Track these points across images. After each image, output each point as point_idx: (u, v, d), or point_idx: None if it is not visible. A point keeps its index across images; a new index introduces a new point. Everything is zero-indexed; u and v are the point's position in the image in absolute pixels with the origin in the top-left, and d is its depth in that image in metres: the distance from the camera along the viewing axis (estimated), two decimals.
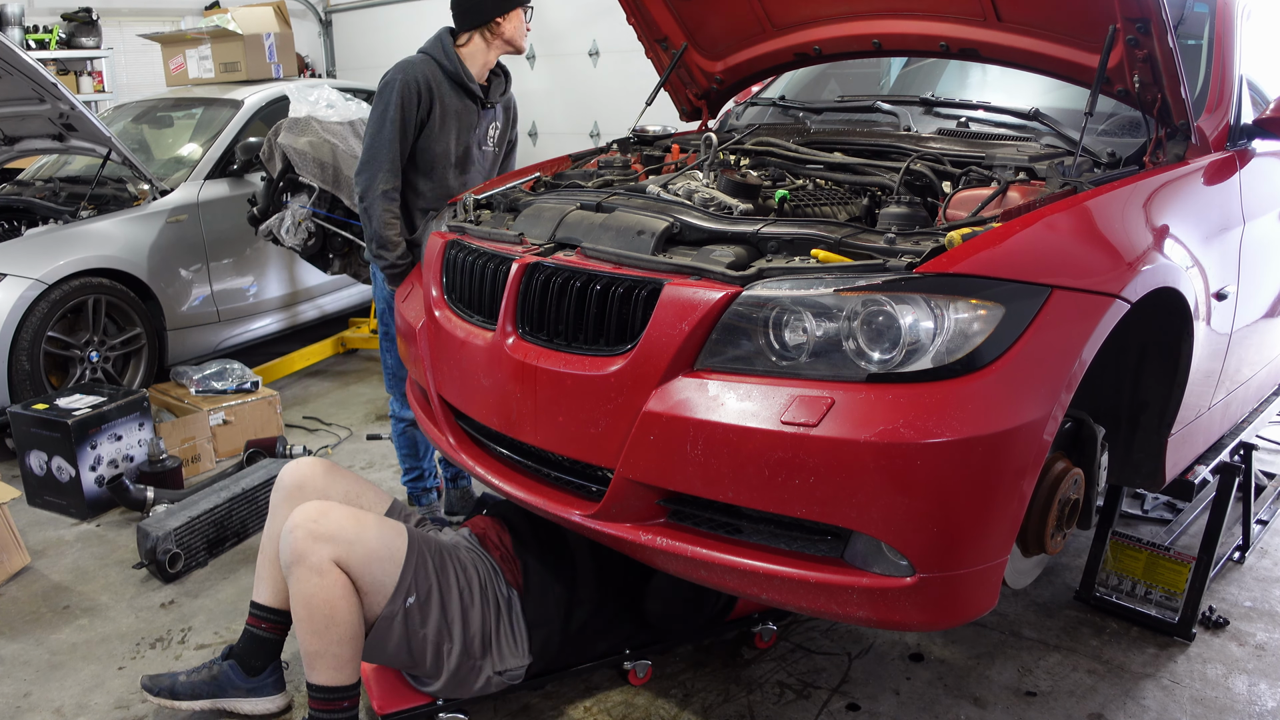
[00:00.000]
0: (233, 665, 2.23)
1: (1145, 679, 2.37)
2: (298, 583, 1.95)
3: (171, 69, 5.50)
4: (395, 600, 2.01)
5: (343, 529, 1.98)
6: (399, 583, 2.02)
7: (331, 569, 1.94)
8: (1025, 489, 1.73)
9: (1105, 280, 1.83)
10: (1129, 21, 2.05)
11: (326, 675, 1.96)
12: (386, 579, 2.01)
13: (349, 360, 5.20)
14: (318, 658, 1.95)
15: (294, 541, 1.95)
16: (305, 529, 1.96)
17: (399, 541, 2.06)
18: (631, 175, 2.63)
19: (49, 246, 3.86)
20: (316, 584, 1.93)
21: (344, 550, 1.96)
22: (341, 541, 1.96)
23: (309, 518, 1.98)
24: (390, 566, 2.02)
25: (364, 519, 2.05)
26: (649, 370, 1.84)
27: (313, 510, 2.00)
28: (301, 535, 1.95)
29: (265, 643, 2.23)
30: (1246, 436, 2.73)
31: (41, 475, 3.37)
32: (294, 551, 1.95)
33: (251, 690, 2.23)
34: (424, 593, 2.05)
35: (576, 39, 6.26)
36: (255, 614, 2.23)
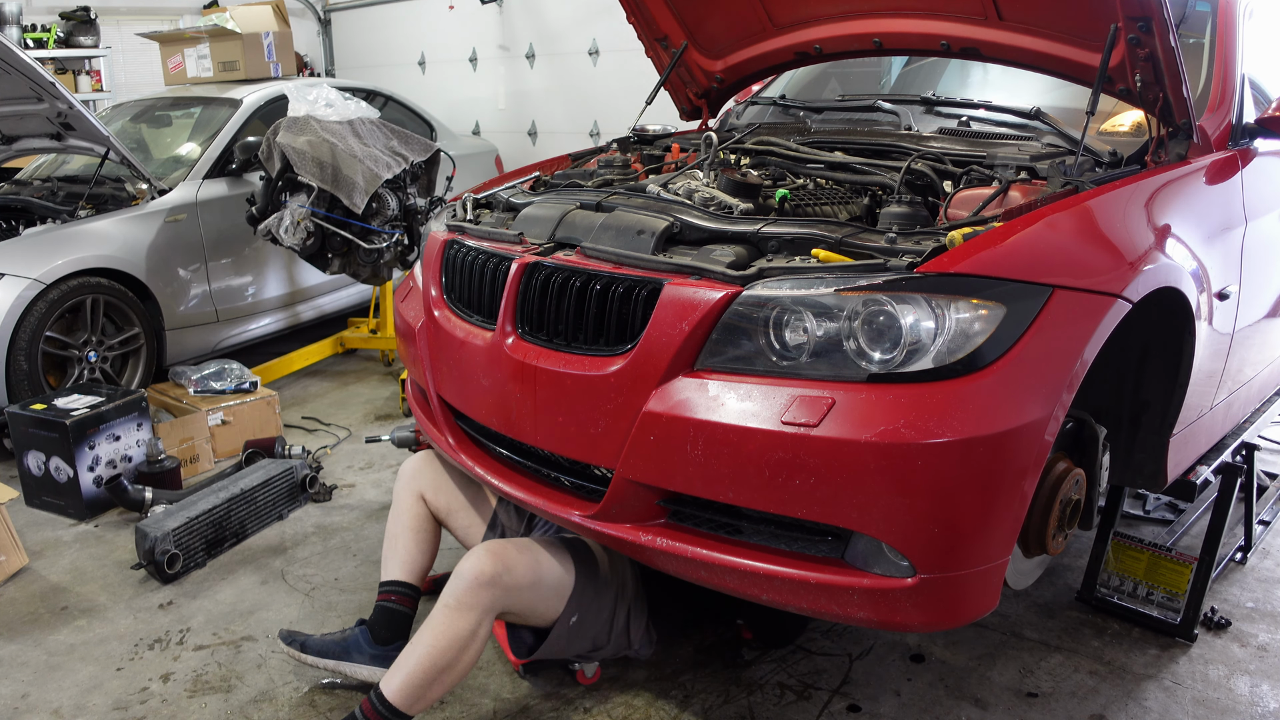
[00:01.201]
0: (364, 631, 2.31)
1: (1147, 680, 2.36)
2: (455, 622, 1.98)
3: (170, 68, 5.49)
4: (561, 622, 2.14)
5: (520, 580, 2.05)
6: (565, 608, 2.14)
7: (489, 628, 2.02)
8: (1027, 489, 1.72)
9: (1107, 280, 1.83)
10: (1131, 20, 2.05)
11: (404, 700, 1.97)
12: (550, 611, 2.13)
13: (348, 360, 5.20)
14: (412, 684, 1.96)
15: (475, 590, 2.00)
16: (491, 585, 2.00)
17: (568, 568, 2.16)
18: (631, 175, 2.63)
19: (47, 246, 3.85)
20: (469, 634, 1.98)
21: (512, 601, 2.04)
22: (516, 593, 2.04)
23: (496, 572, 2.01)
24: (556, 600, 2.13)
25: (539, 563, 2.11)
26: (649, 370, 1.84)
27: (499, 563, 2.03)
28: (485, 591, 2.00)
29: (396, 615, 2.31)
30: (1248, 437, 2.72)
31: (39, 476, 3.37)
32: (472, 597, 1.99)
33: (374, 658, 2.28)
34: (585, 608, 2.17)
35: (576, 38, 6.26)
36: (386, 589, 2.33)
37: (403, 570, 2.35)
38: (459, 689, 2.34)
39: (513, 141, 6.80)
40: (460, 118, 6.98)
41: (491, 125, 7.04)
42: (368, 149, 4.21)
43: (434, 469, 2.48)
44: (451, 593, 2.01)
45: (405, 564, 2.35)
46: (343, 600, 2.76)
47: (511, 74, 6.80)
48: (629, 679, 2.38)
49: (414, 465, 2.50)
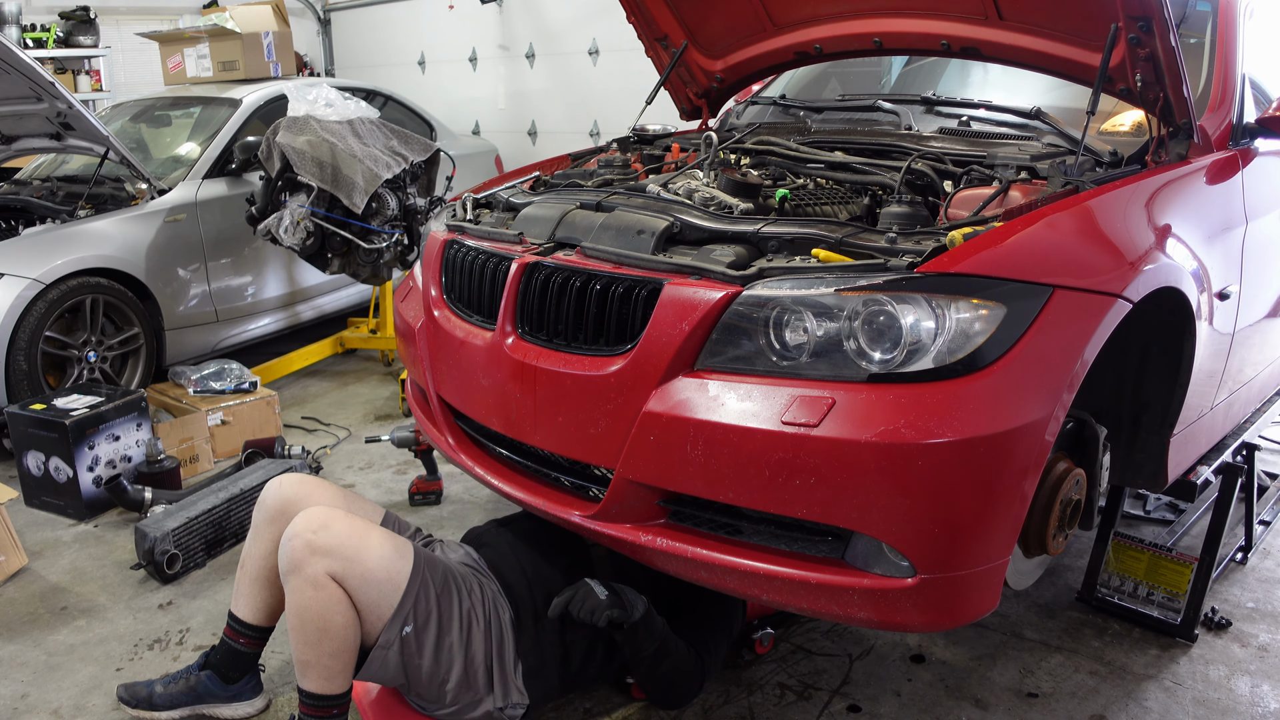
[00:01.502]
0: (210, 676, 2.21)
1: (1147, 680, 2.36)
2: (293, 593, 1.89)
3: (169, 68, 5.49)
4: (392, 627, 1.93)
5: (344, 544, 1.90)
6: (397, 609, 1.93)
7: (328, 583, 1.88)
8: (1027, 490, 1.72)
9: (1107, 280, 1.83)
10: (1131, 20, 2.04)
11: (317, 684, 1.92)
12: (384, 603, 1.93)
13: (347, 360, 5.19)
14: (308, 667, 1.91)
15: (292, 551, 1.89)
16: (304, 539, 1.89)
17: (402, 564, 1.96)
18: (631, 174, 2.63)
19: (46, 246, 3.85)
20: (311, 596, 1.87)
21: (342, 566, 1.89)
22: (340, 557, 1.89)
23: (309, 527, 1.91)
24: (389, 590, 1.93)
25: (369, 535, 1.96)
26: (649, 370, 1.84)
27: (316, 519, 1.93)
28: (300, 545, 1.89)
29: (243, 655, 2.21)
30: (1249, 437, 2.72)
31: (39, 476, 3.36)
32: (291, 561, 1.89)
33: (231, 697, 2.22)
34: (422, 621, 1.96)
35: (576, 38, 6.26)
36: (234, 627, 2.20)
37: (253, 612, 2.17)
38: None
39: (512, 141, 6.80)
40: (460, 117, 6.98)
41: (491, 125, 7.04)
42: (367, 149, 4.21)
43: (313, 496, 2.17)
44: (280, 565, 1.93)
45: (257, 608, 2.17)
46: None
47: (511, 74, 6.80)
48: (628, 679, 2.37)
49: (280, 493, 2.17)
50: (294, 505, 2.13)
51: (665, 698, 2.20)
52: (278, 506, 2.15)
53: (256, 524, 2.18)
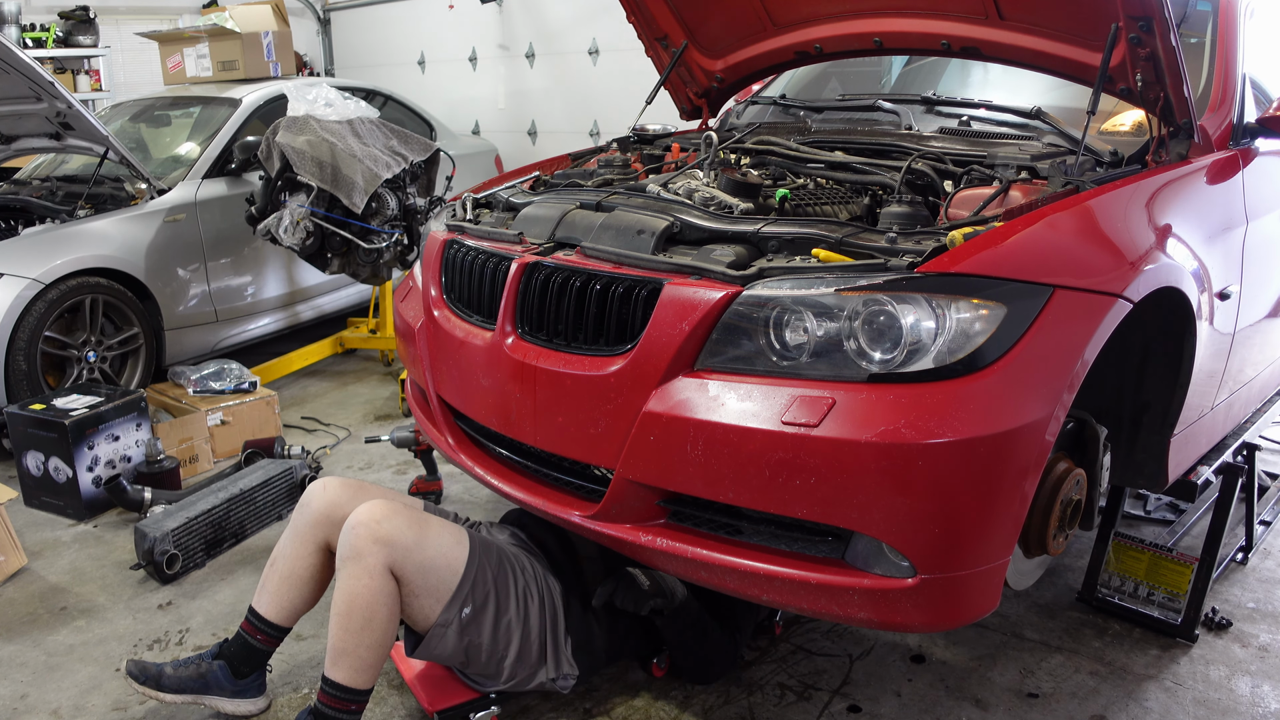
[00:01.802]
0: (222, 666, 2.22)
1: (1148, 680, 2.36)
2: (348, 579, 1.95)
3: (169, 67, 5.49)
4: (450, 609, 2.01)
5: (403, 534, 1.97)
6: (455, 592, 2.01)
7: (384, 574, 1.94)
8: (1027, 490, 1.72)
9: (1108, 280, 1.82)
10: (1131, 20, 2.04)
11: (346, 674, 1.95)
12: (443, 587, 2.00)
13: (347, 360, 5.19)
14: (343, 655, 1.95)
15: (354, 539, 1.95)
16: (368, 528, 1.95)
17: (459, 551, 2.05)
18: (631, 174, 2.62)
19: (46, 246, 3.84)
20: (365, 585, 1.93)
21: (400, 556, 1.96)
22: (400, 547, 1.96)
23: (374, 517, 1.97)
24: (448, 575, 2.01)
25: (427, 526, 2.03)
26: (649, 370, 1.84)
27: (380, 510, 1.99)
28: (364, 534, 1.95)
29: (258, 652, 2.22)
30: (1249, 437, 2.72)
31: (38, 476, 3.36)
32: (353, 548, 1.95)
33: (236, 692, 2.22)
34: (480, 602, 2.05)
35: (576, 37, 6.25)
36: (253, 624, 2.20)
37: (276, 610, 2.18)
38: None
39: (512, 141, 6.80)
40: (460, 117, 6.97)
41: (491, 125, 7.04)
42: (367, 149, 4.20)
43: (355, 499, 2.18)
44: (339, 552, 1.98)
45: (281, 607, 2.18)
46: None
47: (511, 73, 6.80)
48: (629, 680, 2.38)
49: (325, 499, 2.18)
50: (339, 509, 2.16)
51: (702, 674, 2.33)
52: (324, 510, 2.17)
53: (297, 525, 2.20)
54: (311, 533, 2.17)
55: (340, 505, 2.16)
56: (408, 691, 2.31)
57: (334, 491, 2.20)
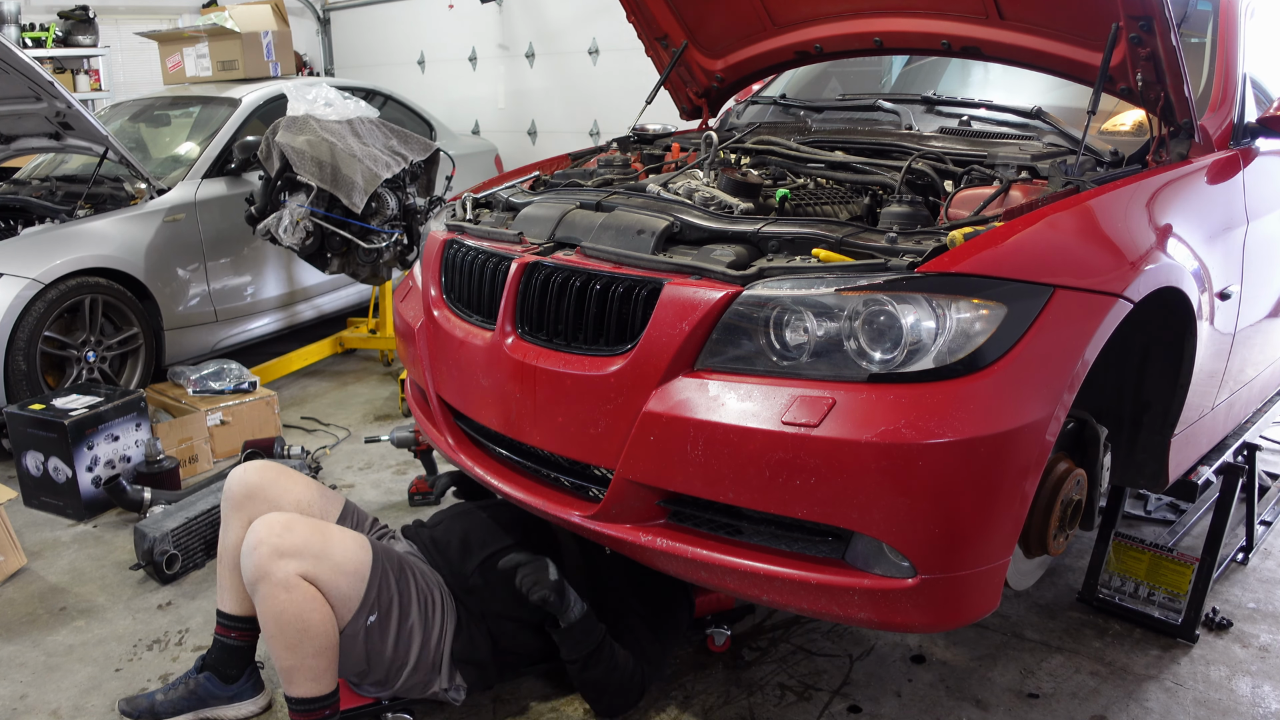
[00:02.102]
0: (209, 677, 2.21)
1: (1148, 681, 2.36)
2: (265, 600, 1.89)
3: (169, 67, 5.48)
4: (358, 618, 1.97)
5: (308, 543, 1.93)
6: (363, 599, 1.97)
7: (299, 583, 1.89)
8: (1028, 490, 1.72)
9: (1108, 280, 1.82)
10: (1132, 19, 2.04)
11: (305, 688, 1.93)
12: (352, 594, 1.96)
13: (347, 360, 5.19)
14: (294, 672, 1.91)
15: (258, 559, 1.90)
16: (269, 545, 1.90)
17: (363, 555, 2.02)
18: (631, 174, 2.62)
19: (45, 246, 3.84)
20: (285, 599, 1.88)
21: (310, 565, 1.91)
22: (308, 556, 1.92)
23: (273, 533, 1.92)
24: (355, 581, 1.97)
25: (329, 533, 2.00)
26: (649, 370, 1.83)
27: (276, 524, 1.95)
28: (266, 552, 1.90)
29: (237, 650, 2.21)
30: (1250, 437, 2.72)
31: (38, 476, 3.36)
32: (258, 569, 1.89)
33: (232, 697, 2.22)
34: (385, 609, 2.02)
35: (576, 37, 6.25)
36: (223, 623, 2.20)
37: (236, 603, 2.17)
38: None
39: (512, 141, 6.79)
40: (460, 117, 6.97)
41: (491, 124, 7.03)
42: (367, 148, 4.20)
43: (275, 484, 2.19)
44: (246, 578, 1.93)
45: (241, 598, 2.15)
46: None
47: (511, 73, 6.80)
48: None
49: (245, 481, 2.19)
50: (259, 491, 2.17)
51: (597, 702, 2.22)
52: (243, 493, 2.17)
53: (225, 514, 2.19)
54: (237, 517, 2.16)
55: (261, 486, 2.17)
56: None
57: (252, 474, 2.20)
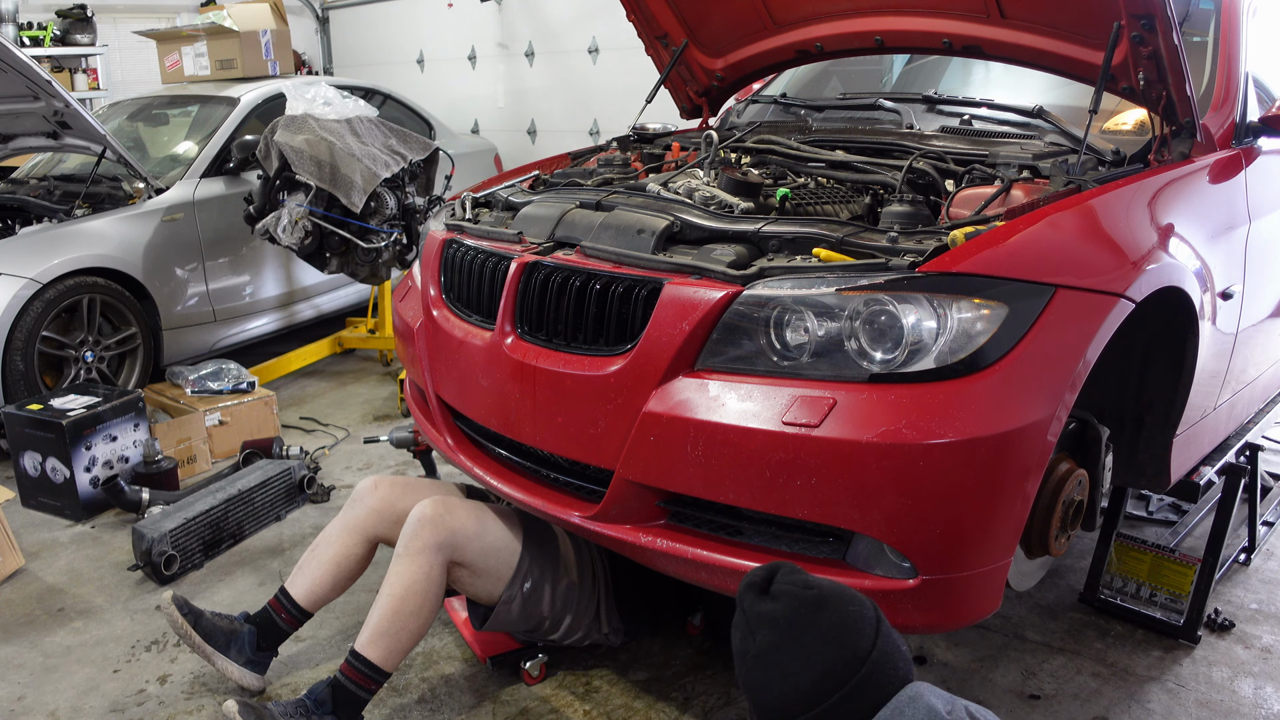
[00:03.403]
0: (251, 632, 2.30)
1: (1150, 682, 2.35)
2: (411, 567, 2.06)
3: (167, 66, 5.47)
4: (513, 585, 2.17)
5: (465, 526, 2.12)
6: (515, 571, 2.17)
7: (443, 570, 2.09)
8: (1029, 490, 1.71)
9: (1110, 279, 1.82)
10: (1134, 18, 2.03)
11: (380, 655, 2.04)
12: (503, 568, 2.16)
13: (346, 360, 5.18)
14: (384, 636, 2.04)
15: (422, 532, 2.08)
16: (435, 524, 2.09)
17: (515, 533, 2.21)
18: (631, 173, 2.61)
19: (43, 245, 3.83)
20: (425, 576, 2.06)
21: (462, 544, 2.10)
22: (462, 536, 2.10)
23: (438, 513, 2.11)
24: (507, 556, 2.17)
25: (485, 515, 2.19)
26: (649, 370, 1.83)
27: (442, 505, 2.13)
28: (430, 530, 2.08)
29: (279, 630, 2.31)
30: (1252, 437, 2.71)
31: (36, 476, 3.35)
32: (420, 540, 2.08)
33: (249, 663, 2.28)
34: (538, 576, 2.20)
35: (576, 36, 6.24)
36: (281, 602, 2.29)
37: (306, 594, 2.28)
38: (456, 693, 2.33)
39: (512, 140, 6.78)
40: (459, 116, 6.96)
41: (490, 124, 7.03)
42: (366, 148, 4.19)
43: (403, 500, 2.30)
44: (401, 541, 2.10)
45: (312, 591, 2.28)
46: (340, 602, 2.73)
47: (511, 72, 6.79)
48: (630, 680, 2.37)
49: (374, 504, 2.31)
50: (391, 506, 2.30)
51: None
52: (376, 507, 2.31)
53: (349, 518, 2.32)
54: (363, 526, 2.29)
55: (392, 503, 2.30)
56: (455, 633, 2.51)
57: (385, 489, 2.34)
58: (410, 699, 2.31)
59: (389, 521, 2.28)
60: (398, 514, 2.27)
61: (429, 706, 2.29)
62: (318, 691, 2.04)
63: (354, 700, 2.04)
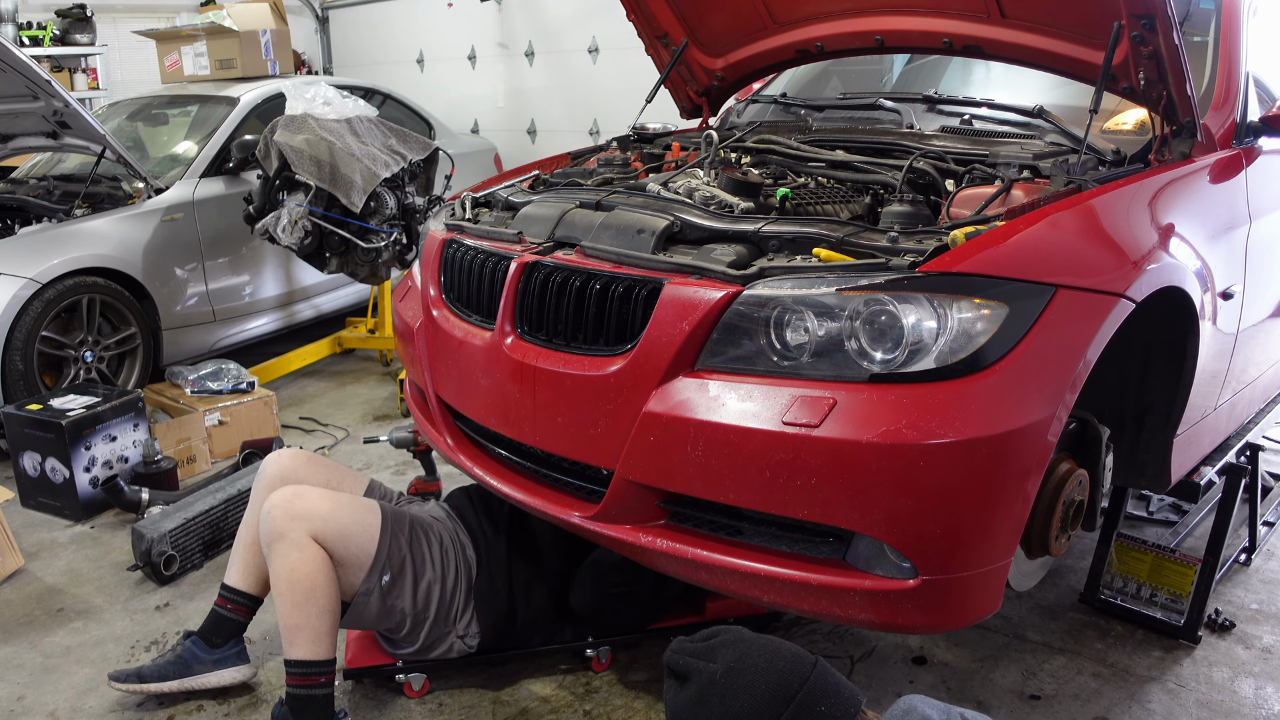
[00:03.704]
0: (195, 642, 2.28)
1: (1150, 682, 2.35)
2: (279, 559, 2.02)
3: (166, 66, 5.47)
4: (371, 577, 2.11)
5: (317, 507, 2.08)
6: (374, 559, 2.11)
7: (310, 544, 2.03)
8: (1029, 490, 1.71)
9: (1110, 279, 1.81)
10: (1134, 18, 2.03)
11: (305, 649, 2.02)
12: (362, 555, 2.10)
13: (345, 360, 5.18)
14: (297, 631, 2.01)
15: (272, 521, 2.04)
16: (282, 509, 2.05)
17: (372, 518, 2.15)
18: (631, 173, 2.61)
19: (43, 245, 3.83)
20: (297, 558, 2.02)
21: (319, 525, 2.05)
22: (316, 518, 2.05)
23: (285, 499, 2.07)
24: (365, 541, 2.11)
25: (338, 498, 2.15)
26: (649, 370, 1.82)
27: (289, 492, 2.10)
28: (280, 514, 2.04)
29: (229, 621, 2.29)
30: (1253, 437, 2.71)
31: (35, 476, 3.35)
32: (273, 530, 2.04)
33: (217, 662, 2.27)
34: (397, 567, 2.15)
35: (576, 35, 6.24)
36: (225, 595, 2.29)
37: (245, 580, 2.27)
38: (457, 694, 2.33)
39: (512, 140, 6.78)
40: (459, 116, 6.96)
41: (490, 123, 7.02)
42: (366, 147, 4.19)
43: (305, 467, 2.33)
44: (262, 538, 2.07)
45: (249, 574, 2.27)
46: None
47: (510, 72, 6.78)
48: (630, 680, 2.37)
49: (278, 464, 2.32)
50: (290, 475, 2.30)
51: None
52: (276, 473, 2.30)
53: (255, 493, 2.32)
54: (266, 495, 2.26)
55: (294, 471, 2.30)
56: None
57: (287, 459, 2.33)
58: (410, 701, 2.30)
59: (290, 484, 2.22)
60: (298, 481, 2.26)
61: (429, 707, 2.28)
62: (276, 713, 2.07)
63: (313, 702, 2.03)
